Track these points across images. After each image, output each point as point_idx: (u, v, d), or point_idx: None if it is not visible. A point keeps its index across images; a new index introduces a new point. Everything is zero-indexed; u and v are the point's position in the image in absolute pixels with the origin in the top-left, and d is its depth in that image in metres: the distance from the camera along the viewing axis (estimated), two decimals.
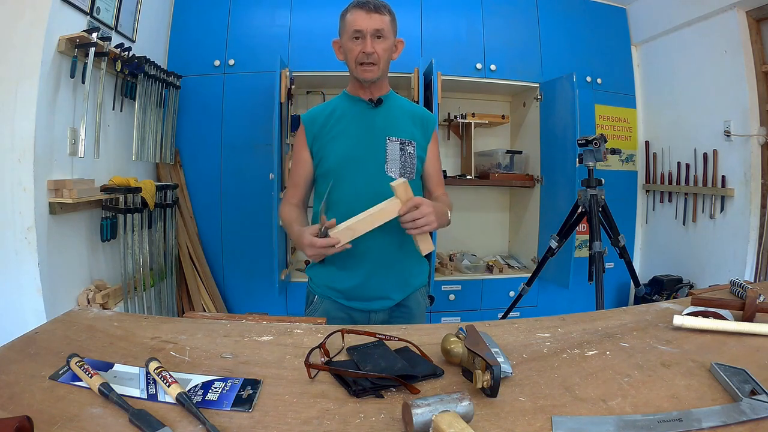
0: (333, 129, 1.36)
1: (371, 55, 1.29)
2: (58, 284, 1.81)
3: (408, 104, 1.47)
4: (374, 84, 1.36)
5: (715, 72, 2.74)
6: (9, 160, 1.68)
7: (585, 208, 2.23)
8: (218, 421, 0.60)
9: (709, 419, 0.60)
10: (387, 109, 1.40)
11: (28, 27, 1.69)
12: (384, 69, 1.34)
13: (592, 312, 1.05)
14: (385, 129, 1.36)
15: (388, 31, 1.31)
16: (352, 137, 1.35)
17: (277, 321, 1.01)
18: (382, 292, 1.36)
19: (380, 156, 1.34)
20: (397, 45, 1.39)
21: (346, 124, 1.36)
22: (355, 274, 1.34)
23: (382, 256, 1.34)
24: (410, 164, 1.37)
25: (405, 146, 1.37)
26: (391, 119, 1.39)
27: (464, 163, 3.30)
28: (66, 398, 0.64)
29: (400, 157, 1.36)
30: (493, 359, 0.66)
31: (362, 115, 1.38)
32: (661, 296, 2.83)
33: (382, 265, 1.34)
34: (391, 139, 1.36)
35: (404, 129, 1.38)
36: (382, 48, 1.30)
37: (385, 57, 1.33)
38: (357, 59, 1.30)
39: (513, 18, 3.06)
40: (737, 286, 1.11)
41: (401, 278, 1.39)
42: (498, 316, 2.70)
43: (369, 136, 1.35)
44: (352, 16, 1.29)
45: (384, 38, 1.30)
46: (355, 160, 1.34)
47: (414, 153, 1.38)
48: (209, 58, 2.78)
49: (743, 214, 2.61)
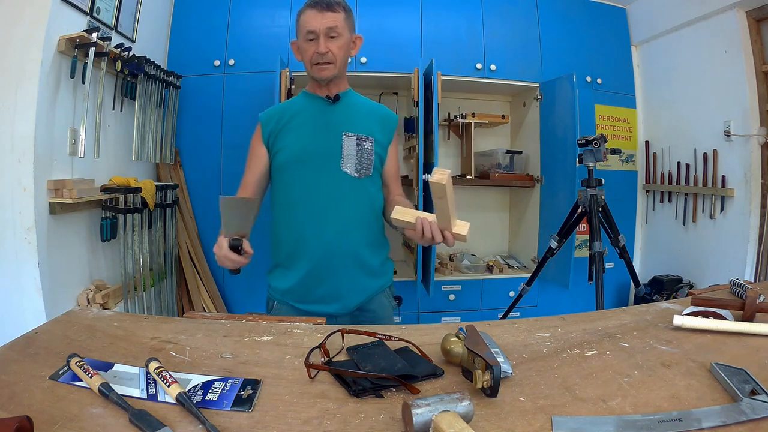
0: (289, 124, 1.34)
1: (325, 55, 1.27)
2: (58, 284, 1.81)
3: (368, 102, 1.45)
4: (332, 82, 1.34)
5: (715, 72, 2.74)
6: (9, 160, 1.68)
7: (585, 208, 2.23)
8: (218, 421, 0.60)
9: (709, 419, 0.60)
10: (345, 105, 1.37)
11: (28, 27, 1.69)
12: (341, 67, 1.32)
13: (592, 312, 1.05)
14: (342, 125, 1.34)
15: (342, 29, 1.28)
16: (307, 132, 1.33)
17: (277, 321, 1.01)
18: (333, 294, 1.31)
19: (336, 151, 1.31)
20: (355, 41, 1.37)
21: (302, 120, 1.35)
22: (296, 272, 1.31)
23: (334, 256, 1.30)
24: (367, 160, 1.34)
25: (362, 142, 1.34)
26: (348, 115, 1.36)
27: (464, 163, 3.30)
28: (66, 398, 0.64)
29: (356, 152, 1.33)
30: (493, 359, 0.66)
31: (319, 111, 1.35)
32: (661, 296, 2.83)
33: (333, 265, 1.30)
34: (348, 135, 1.33)
35: (362, 125, 1.36)
36: (336, 46, 1.28)
37: (341, 55, 1.30)
38: (312, 60, 1.29)
39: (513, 18, 3.06)
40: (737, 286, 1.11)
41: (357, 280, 1.33)
42: (498, 316, 2.70)
43: (324, 131, 1.33)
44: (305, 17, 1.27)
45: (339, 36, 1.28)
46: (309, 156, 1.31)
47: (372, 149, 1.35)
48: (209, 58, 2.78)
49: (743, 214, 2.61)
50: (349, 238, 1.31)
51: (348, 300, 1.33)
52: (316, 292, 1.31)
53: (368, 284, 1.36)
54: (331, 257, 1.30)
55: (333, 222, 1.30)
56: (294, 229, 1.33)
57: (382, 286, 1.40)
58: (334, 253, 1.30)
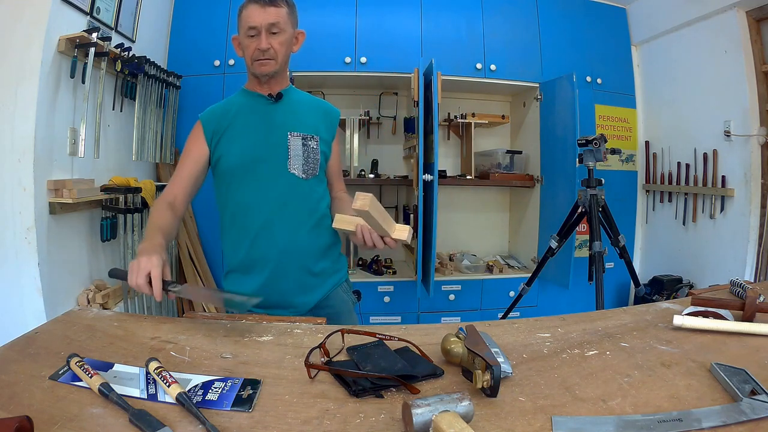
0: (232, 126, 1.29)
1: (267, 51, 1.24)
2: (58, 284, 1.81)
3: (310, 98, 1.42)
4: (273, 78, 1.30)
5: (715, 72, 2.74)
6: (9, 160, 1.68)
7: (585, 208, 2.23)
8: (218, 421, 0.60)
9: (709, 419, 0.60)
10: (287, 103, 1.34)
11: (28, 27, 1.69)
12: (282, 63, 1.28)
13: (592, 312, 1.05)
14: (286, 124, 1.30)
15: (285, 24, 1.24)
16: (251, 135, 1.29)
17: (277, 321, 1.01)
18: (295, 297, 1.29)
19: (282, 153, 1.28)
20: (298, 37, 1.33)
21: (245, 121, 1.30)
22: (257, 278, 1.27)
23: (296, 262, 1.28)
24: (313, 159, 1.31)
25: (307, 141, 1.31)
26: (291, 114, 1.33)
27: (464, 163, 3.30)
28: (66, 398, 0.64)
29: (303, 152, 1.30)
30: (493, 359, 0.66)
31: (262, 111, 1.31)
32: (661, 296, 2.83)
33: (288, 268, 1.28)
34: (293, 135, 1.30)
35: (306, 123, 1.33)
36: (278, 42, 1.24)
37: (283, 51, 1.27)
38: (253, 56, 1.25)
39: (513, 18, 3.06)
40: (737, 286, 1.11)
41: (308, 285, 1.31)
42: (498, 316, 2.70)
43: (269, 132, 1.29)
44: (247, 11, 1.23)
45: (281, 32, 1.24)
46: (256, 159, 1.27)
47: (317, 148, 1.32)
48: (209, 58, 2.78)
49: (743, 214, 2.61)
50: (299, 242, 1.28)
51: (302, 305, 1.30)
52: (272, 298, 1.26)
53: (321, 285, 1.33)
54: (284, 263, 1.27)
55: (283, 226, 1.27)
56: (245, 235, 1.29)
57: (337, 284, 1.38)
58: (285, 259, 1.27)
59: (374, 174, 3.13)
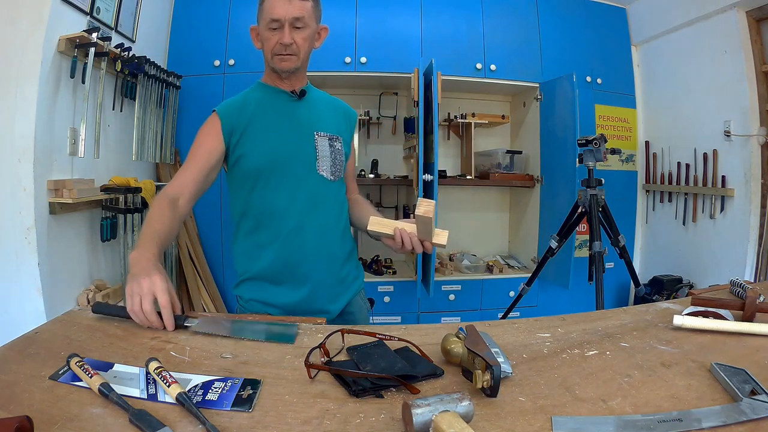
0: (252, 123, 1.20)
1: (290, 47, 1.16)
2: (58, 284, 1.81)
3: (329, 97, 1.37)
4: (293, 75, 1.23)
5: (715, 72, 2.74)
6: (9, 160, 1.68)
7: (585, 208, 2.23)
8: (218, 421, 0.60)
9: (709, 419, 0.60)
10: (311, 101, 1.28)
11: (28, 27, 1.69)
12: (304, 59, 1.22)
13: (592, 312, 1.05)
14: (312, 123, 1.24)
15: (309, 19, 1.17)
16: (277, 134, 1.21)
17: (277, 321, 1.00)
18: (326, 305, 1.25)
19: (311, 153, 1.22)
20: (320, 32, 1.25)
21: (267, 119, 1.22)
22: (300, 289, 1.22)
23: (326, 268, 1.24)
24: (339, 161, 1.27)
25: (333, 142, 1.26)
26: (316, 113, 1.27)
27: (464, 163, 3.30)
28: (66, 398, 0.64)
29: (330, 154, 1.24)
30: (493, 359, 0.66)
31: (284, 108, 1.24)
32: (661, 296, 2.83)
33: (327, 276, 1.24)
34: (320, 135, 1.24)
35: (330, 123, 1.28)
36: (301, 38, 1.17)
37: (306, 47, 1.19)
38: (273, 50, 1.18)
39: (513, 18, 3.06)
40: (737, 286, 1.11)
41: (342, 286, 1.28)
42: (498, 316, 2.70)
43: (296, 132, 1.23)
44: (270, 2, 1.14)
45: (305, 27, 1.17)
46: (283, 160, 1.20)
47: (341, 149, 1.28)
48: (209, 58, 2.78)
49: (743, 214, 2.61)
50: (329, 247, 1.24)
51: (332, 312, 1.26)
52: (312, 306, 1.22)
53: (346, 292, 1.30)
54: (318, 270, 1.22)
55: (313, 230, 1.22)
56: (273, 240, 1.21)
57: (357, 290, 1.35)
58: (318, 266, 1.22)
59: (374, 174, 3.13)
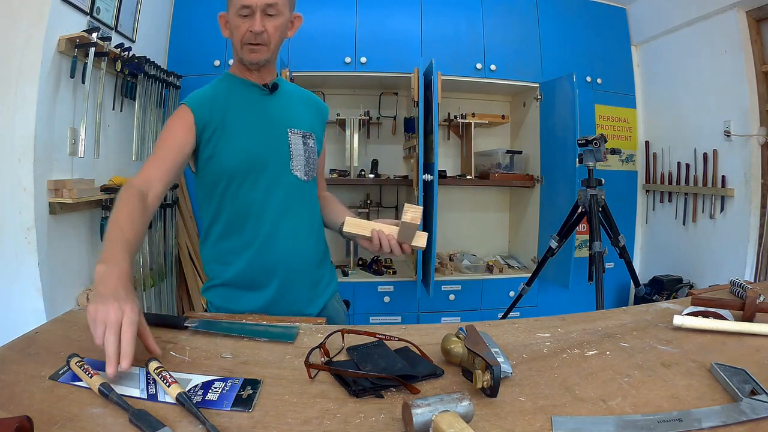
0: (225, 120, 1.12)
1: (260, 35, 1.07)
2: (58, 284, 1.81)
3: (301, 90, 1.30)
4: (264, 67, 1.15)
5: (715, 72, 2.74)
6: (9, 160, 1.68)
7: (585, 208, 2.23)
8: (218, 421, 0.60)
9: (709, 419, 0.60)
10: (283, 96, 1.21)
11: (28, 27, 1.69)
12: (274, 50, 1.14)
13: (592, 312, 1.05)
14: (285, 120, 1.18)
15: (283, 6, 1.09)
16: (250, 131, 1.14)
17: (277, 321, 1.00)
18: (302, 309, 1.19)
19: (284, 153, 1.16)
20: (294, 21, 1.17)
21: (239, 115, 1.14)
22: (275, 294, 1.16)
23: (301, 272, 1.19)
24: (313, 161, 1.21)
25: (306, 140, 1.20)
26: (288, 109, 1.21)
27: (464, 163, 3.30)
28: (66, 398, 0.64)
29: (304, 152, 1.18)
30: (493, 359, 0.66)
31: (256, 102, 1.17)
32: (661, 296, 2.83)
33: (294, 279, 1.17)
34: (293, 132, 1.18)
35: (304, 119, 1.22)
36: (273, 26, 1.08)
37: (277, 36, 1.11)
38: (243, 39, 1.09)
39: (513, 18, 3.06)
40: (737, 286, 1.11)
41: (315, 290, 1.23)
42: (498, 316, 2.70)
43: (269, 129, 1.16)
44: None
45: (278, 14, 1.08)
46: (258, 160, 1.13)
47: (314, 147, 1.22)
48: (209, 58, 2.78)
49: (743, 214, 2.61)
50: (303, 250, 1.20)
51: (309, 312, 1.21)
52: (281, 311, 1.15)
53: (321, 295, 1.25)
54: (291, 274, 1.17)
55: (287, 234, 1.17)
56: (246, 245, 1.15)
57: (333, 292, 1.31)
58: (292, 270, 1.17)
59: (374, 174, 3.13)
